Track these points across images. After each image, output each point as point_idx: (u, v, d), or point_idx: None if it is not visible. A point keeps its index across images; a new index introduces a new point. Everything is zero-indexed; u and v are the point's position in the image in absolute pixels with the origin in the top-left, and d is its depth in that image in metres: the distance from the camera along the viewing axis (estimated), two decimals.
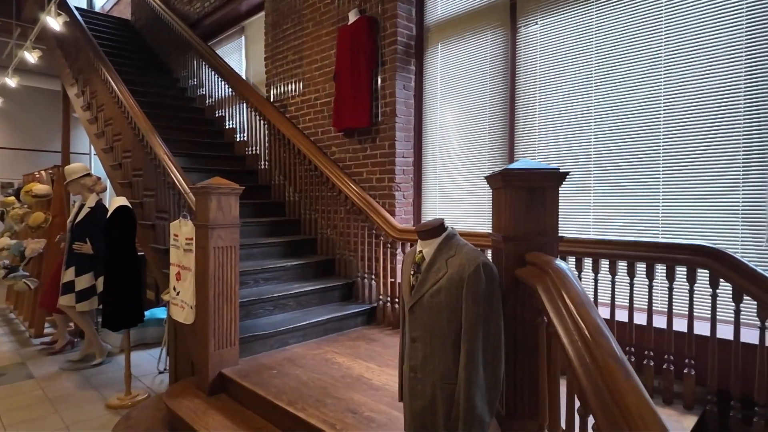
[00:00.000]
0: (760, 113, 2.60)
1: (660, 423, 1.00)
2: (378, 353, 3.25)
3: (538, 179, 1.80)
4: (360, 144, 4.39)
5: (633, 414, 1.03)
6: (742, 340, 2.32)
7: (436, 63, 4.14)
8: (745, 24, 2.63)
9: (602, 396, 1.14)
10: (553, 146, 3.42)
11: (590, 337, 1.25)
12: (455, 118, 4.01)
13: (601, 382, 1.16)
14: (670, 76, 2.90)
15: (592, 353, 1.22)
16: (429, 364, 1.74)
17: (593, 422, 1.24)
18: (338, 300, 4.12)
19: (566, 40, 3.34)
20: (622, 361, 1.16)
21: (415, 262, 1.81)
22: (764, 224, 2.61)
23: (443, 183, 4.11)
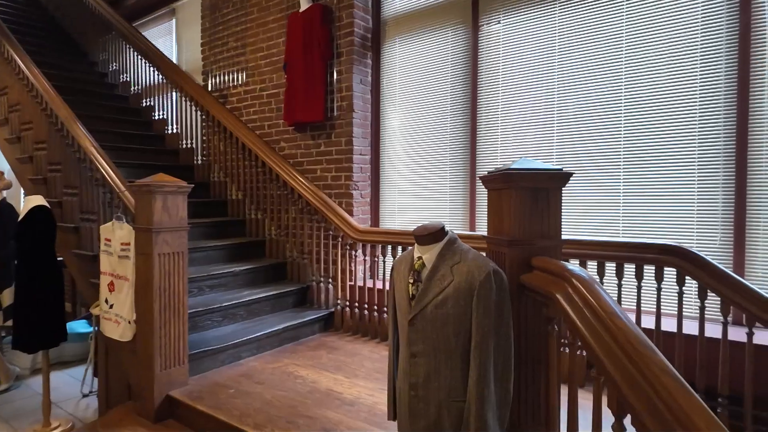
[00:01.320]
0: (713, 117, 2.73)
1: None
2: (344, 363, 3.05)
3: (543, 180, 1.71)
4: (313, 140, 4.14)
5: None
6: (706, 335, 2.42)
7: (394, 58, 4.00)
8: (701, 31, 2.76)
9: (661, 415, 1.05)
10: (516, 147, 3.41)
11: (635, 349, 1.17)
12: (415, 116, 3.90)
13: (657, 399, 1.07)
14: (630, 80, 2.98)
15: (640, 368, 1.14)
16: (433, 382, 1.59)
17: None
18: (292, 306, 3.85)
19: (529, 40, 3.34)
20: (678, 377, 1.08)
21: (414, 270, 1.65)
22: (717, 224, 2.75)
23: (403, 182, 3.99)
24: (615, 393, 1.24)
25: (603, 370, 1.24)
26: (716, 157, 2.74)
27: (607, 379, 1.23)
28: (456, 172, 3.69)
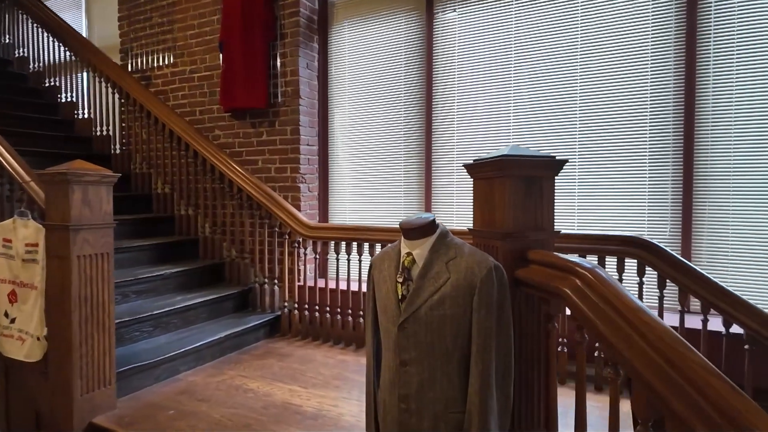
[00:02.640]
0: (663, 113, 2.82)
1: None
2: (297, 371, 2.78)
3: (538, 168, 1.59)
4: (254, 128, 3.79)
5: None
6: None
7: (343, 43, 3.77)
8: (651, 30, 2.83)
9: (711, 419, 0.96)
10: (473, 139, 3.34)
11: (672, 349, 1.07)
12: (367, 105, 3.69)
13: (705, 402, 0.98)
14: (585, 76, 3.00)
15: (680, 369, 1.04)
16: (428, 392, 1.41)
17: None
18: (233, 311, 3.49)
19: (485, 31, 3.27)
20: (724, 377, 0.99)
21: (405, 267, 1.45)
22: (667, 215, 2.85)
23: (354, 175, 3.77)
24: (644, 395, 1.14)
25: (633, 372, 1.13)
26: (666, 152, 2.83)
27: (638, 382, 1.13)
28: (411, 164, 3.54)
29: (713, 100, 2.71)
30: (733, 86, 2.66)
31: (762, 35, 2.59)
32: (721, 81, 2.68)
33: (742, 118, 2.65)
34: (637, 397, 1.17)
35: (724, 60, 2.67)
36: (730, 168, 2.68)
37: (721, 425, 0.96)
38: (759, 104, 2.61)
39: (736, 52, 2.65)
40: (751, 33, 2.61)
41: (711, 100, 2.71)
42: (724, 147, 2.69)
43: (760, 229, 2.63)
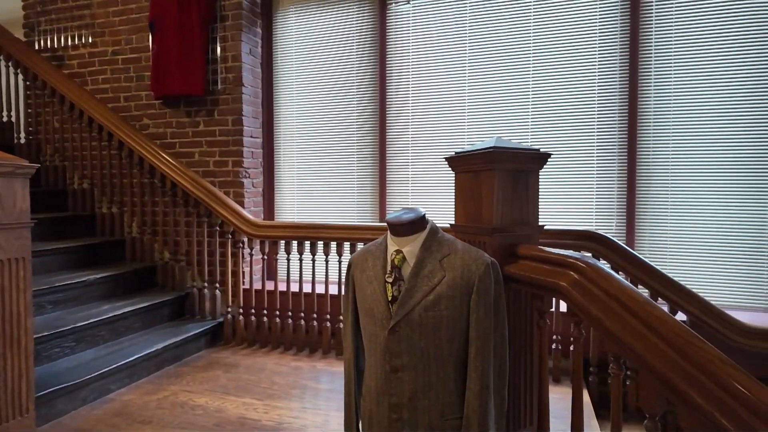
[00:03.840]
0: (609, 115, 2.94)
1: None
2: (249, 382, 2.56)
3: (525, 161, 1.55)
4: (189, 117, 3.45)
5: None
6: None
7: (290, 30, 3.55)
8: (598, 36, 2.94)
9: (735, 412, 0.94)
10: (428, 129, 3.28)
11: (686, 342, 1.05)
12: (316, 97, 3.51)
13: (727, 396, 0.96)
14: (537, 71, 3.05)
15: (694, 360, 1.02)
16: (423, 399, 1.31)
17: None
18: (168, 319, 3.16)
19: (439, 22, 3.23)
20: (743, 370, 0.99)
21: (395, 266, 1.33)
22: (613, 210, 2.97)
23: (302, 170, 3.56)
24: (653, 390, 1.12)
25: (645, 366, 1.10)
26: (612, 152, 2.95)
27: (650, 375, 1.10)
28: (364, 159, 3.41)
29: (654, 104, 2.86)
30: (671, 92, 2.83)
31: (698, 44, 2.78)
32: (661, 88, 2.85)
33: (679, 121, 2.83)
34: (647, 392, 1.15)
35: (664, 69, 2.84)
36: (668, 166, 2.86)
37: (742, 415, 0.95)
38: (694, 108, 2.80)
39: (674, 62, 2.82)
40: (687, 42, 2.79)
41: (652, 104, 2.87)
42: (664, 147, 2.86)
43: (695, 222, 2.82)
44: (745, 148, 2.72)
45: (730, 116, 2.74)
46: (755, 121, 2.70)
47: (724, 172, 2.76)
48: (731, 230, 2.76)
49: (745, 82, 2.71)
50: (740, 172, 2.74)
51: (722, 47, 2.74)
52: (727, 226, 2.77)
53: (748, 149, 2.72)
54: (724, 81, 2.74)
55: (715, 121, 2.77)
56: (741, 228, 2.75)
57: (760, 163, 2.70)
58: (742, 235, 2.75)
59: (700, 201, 2.81)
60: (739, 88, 2.72)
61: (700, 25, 2.77)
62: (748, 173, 2.73)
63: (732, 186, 2.75)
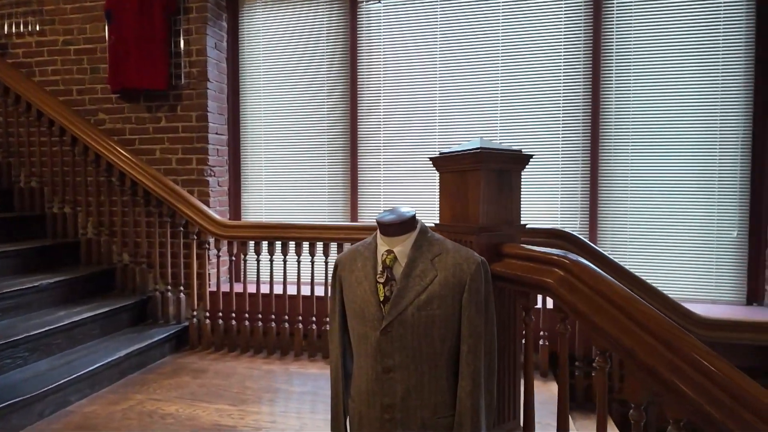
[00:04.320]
0: (574, 115, 3.05)
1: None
2: (220, 387, 2.47)
3: (509, 161, 1.58)
4: (150, 112, 3.29)
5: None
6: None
7: (257, 24, 3.45)
8: (563, 42, 3.05)
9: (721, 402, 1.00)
10: (399, 128, 3.29)
11: (673, 335, 1.10)
12: (285, 94, 3.43)
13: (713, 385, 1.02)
14: (505, 75, 3.12)
15: (680, 352, 1.08)
16: (414, 399, 1.31)
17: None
18: (129, 325, 3.01)
19: (410, 20, 3.24)
20: (722, 358, 1.05)
21: (386, 266, 1.33)
22: (577, 209, 3.09)
23: (270, 169, 3.48)
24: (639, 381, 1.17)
25: (633, 359, 1.15)
26: (576, 152, 3.07)
27: (638, 368, 1.15)
28: (335, 158, 3.38)
29: (615, 107, 3.00)
30: (630, 96, 2.98)
31: (655, 51, 2.93)
32: (622, 92, 2.99)
33: (638, 124, 2.98)
34: (633, 383, 1.20)
35: (624, 75, 2.98)
36: (628, 167, 3.00)
37: (726, 402, 1.01)
38: (652, 112, 2.95)
39: (633, 68, 2.96)
40: (645, 49, 2.94)
41: (613, 107, 3.00)
42: (624, 149, 3.00)
43: (652, 220, 2.98)
44: (696, 152, 2.90)
45: (684, 121, 2.91)
46: (705, 126, 2.88)
47: (678, 173, 2.93)
48: (684, 228, 2.94)
49: (697, 88, 2.89)
50: (692, 173, 2.92)
51: (677, 56, 2.90)
52: (681, 223, 2.94)
53: (699, 152, 2.90)
54: (678, 86, 2.91)
55: (670, 125, 2.93)
56: (692, 225, 2.93)
57: (709, 165, 2.89)
58: (693, 232, 2.93)
59: (656, 200, 2.97)
60: (693, 93, 2.89)
61: (658, 34, 2.92)
62: (699, 174, 2.91)
63: (685, 186, 2.93)
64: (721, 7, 2.83)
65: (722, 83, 2.85)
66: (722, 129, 2.86)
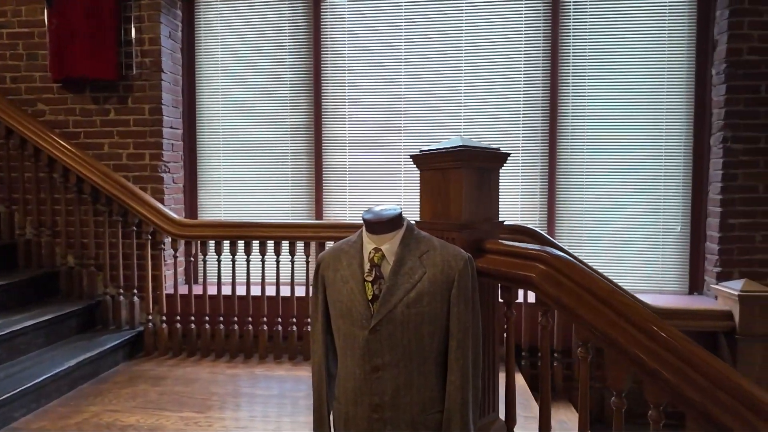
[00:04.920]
0: (533, 110, 3.16)
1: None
2: (183, 395, 2.36)
3: (490, 159, 1.61)
4: (97, 104, 3.07)
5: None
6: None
7: (214, 15, 3.30)
8: (524, 48, 3.15)
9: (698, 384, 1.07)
10: (365, 124, 3.26)
11: (653, 324, 1.17)
12: (244, 86, 3.31)
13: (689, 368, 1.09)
14: (470, 63, 3.18)
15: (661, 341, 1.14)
16: (405, 397, 1.32)
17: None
18: (77, 332, 2.80)
19: (375, 15, 3.22)
20: (698, 345, 1.13)
21: (375, 264, 1.32)
22: (536, 206, 3.21)
23: (228, 165, 3.35)
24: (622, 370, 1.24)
25: (617, 349, 1.21)
26: (535, 150, 3.18)
27: (621, 357, 1.21)
28: (298, 155, 3.30)
29: (572, 110, 3.13)
30: (586, 97, 3.12)
31: (607, 59, 3.09)
32: (578, 94, 3.12)
33: (593, 125, 3.13)
34: (615, 371, 1.26)
35: (581, 78, 3.12)
36: (583, 165, 3.15)
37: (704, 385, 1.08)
38: (606, 113, 3.11)
39: (589, 71, 3.11)
40: (599, 53, 3.09)
41: (570, 109, 3.13)
42: (580, 148, 3.14)
43: (606, 216, 3.15)
44: (644, 153, 3.09)
45: (633, 125, 3.09)
46: (652, 130, 3.08)
47: (628, 173, 3.11)
48: (633, 223, 3.12)
49: (644, 94, 3.07)
50: (640, 173, 3.10)
51: (627, 64, 3.07)
52: (630, 219, 3.12)
53: (647, 154, 3.09)
54: (628, 93, 3.08)
55: (621, 128, 3.10)
56: (641, 221, 3.12)
57: (656, 166, 3.09)
58: (641, 227, 3.12)
59: (608, 198, 3.14)
60: (641, 99, 3.08)
61: (610, 43, 3.08)
62: (647, 174, 3.10)
63: (634, 185, 3.11)
64: (666, 20, 3.03)
65: (667, 91, 3.05)
66: (667, 133, 3.07)
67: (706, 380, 1.09)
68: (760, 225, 2.83)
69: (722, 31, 2.86)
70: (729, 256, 2.86)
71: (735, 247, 2.85)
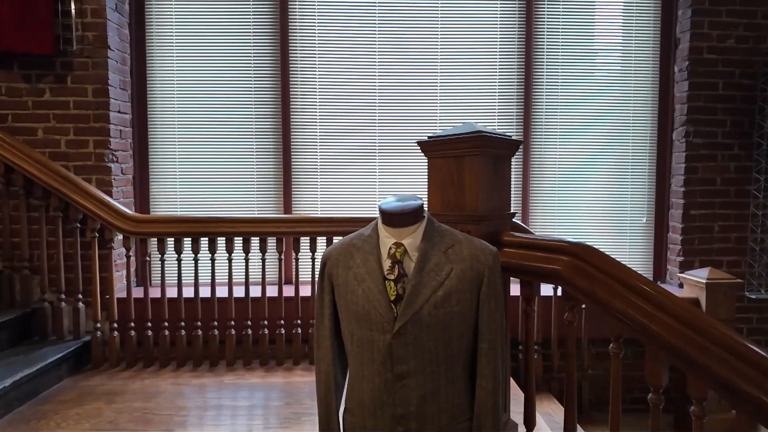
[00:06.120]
0: (509, 107, 3.14)
1: None
2: (145, 410, 2.09)
3: (506, 146, 1.52)
4: (29, 82, 2.67)
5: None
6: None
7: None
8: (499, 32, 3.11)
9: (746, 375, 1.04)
10: (337, 113, 3.09)
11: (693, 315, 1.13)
12: (201, 67, 3.01)
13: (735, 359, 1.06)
14: (445, 52, 3.10)
15: (708, 334, 1.11)
16: (432, 406, 1.20)
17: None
18: (10, 345, 2.42)
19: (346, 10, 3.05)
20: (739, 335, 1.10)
21: (396, 260, 1.19)
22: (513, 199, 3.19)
23: (184, 155, 3.04)
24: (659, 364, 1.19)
25: (658, 342, 1.16)
26: None
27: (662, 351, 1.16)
28: (264, 145, 3.06)
29: (546, 106, 3.14)
30: (558, 98, 3.14)
31: (578, 56, 3.12)
32: (551, 93, 3.14)
33: (565, 121, 3.16)
34: (655, 367, 1.21)
35: (554, 70, 3.13)
36: (556, 159, 3.17)
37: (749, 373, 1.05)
38: (577, 111, 3.15)
39: (561, 71, 3.13)
40: (571, 53, 3.12)
41: (544, 105, 3.14)
42: (552, 142, 3.16)
43: (576, 206, 3.19)
44: (612, 148, 3.17)
45: (603, 121, 3.15)
46: (619, 126, 3.15)
47: (597, 166, 3.18)
48: (602, 214, 3.19)
49: (615, 86, 3.14)
50: (609, 166, 3.18)
51: (597, 63, 3.13)
52: (599, 210, 3.19)
53: (614, 149, 3.17)
54: (599, 85, 3.14)
55: (591, 125, 3.15)
56: (609, 212, 3.19)
57: (623, 160, 3.17)
58: (609, 218, 3.20)
59: (579, 189, 3.18)
60: (612, 90, 3.15)
61: (580, 41, 3.12)
62: (614, 168, 3.18)
63: (603, 178, 3.18)
64: (632, 18, 3.11)
65: (634, 86, 3.14)
66: (634, 129, 3.16)
67: (751, 368, 1.06)
68: (718, 216, 2.98)
69: (684, 30, 2.98)
70: (690, 246, 2.99)
71: (695, 237, 2.99)
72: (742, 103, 2.94)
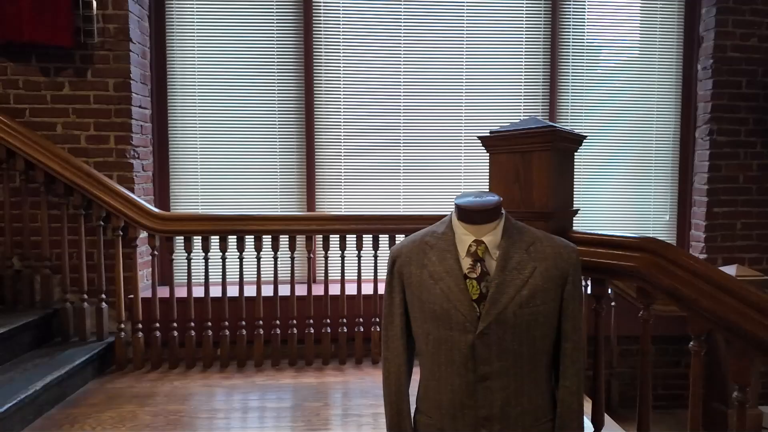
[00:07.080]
0: (534, 106, 3.13)
1: None
2: (181, 414, 2.03)
3: (573, 142, 1.49)
4: (47, 76, 2.57)
5: None
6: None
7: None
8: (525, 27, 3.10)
9: None
10: (361, 110, 3.04)
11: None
12: (224, 63, 2.93)
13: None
14: (471, 52, 3.07)
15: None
16: (515, 407, 1.17)
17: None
18: (32, 348, 2.34)
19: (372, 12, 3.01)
20: None
21: (478, 258, 1.15)
22: None
23: (205, 151, 2.96)
24: (750, 363, 1.18)
25: (752, 342, 1.15)
26: None
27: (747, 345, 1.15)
28: (288, 142, 2.99)
29: (571, 102, 3.14)
30: (583, 94, 3.14)
31: (604, 57, 3.12)
32: (576, 88, 3.13)
33: (592, 120, 3.16)
34: (742, 365, 1.20)
35: (578, 71, 3.13)
36: (580, 156, 3.17)
37: None
38: (601, 106, 3.15)
39: (586, 69, 3.12)
40: (596, 54, 3.12)
41: (569, 101, 3.14)
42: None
43: (603, 204, 3.20)
44: (638, 149, 3.17)
45: (628, 116, 3.16)
46: (645, 121, 3.16)
47: (623, 167, 3.18)
48: (627, 211, 3.20)
49: (639, 84, 3.15)
50: (633, 167, 3.18)
51: (621, 65, 3.13)
52: (624, 207, 3.20)
53: (640, 150, 3.17)
54: (624, 83, 3.14)
55: (617, 123, 3.16)
56: (633, 209, 3.20)
57: (647, 161, 3.18)
58: (634, 215, 3.20)
59: (605, 188, 3.18)
60: (636, 88, 3.15)
61: (605, 40, 3.11)
62: (639, 168, 3.18)
63: (628, 177, 3.18)
64: (657, 16, 3.12)
65: (658, 85, 3.15)
66: (657, 127, 3.17)
67: None
68: (740, 213, 3.01)
69: (708, 28, 3.00)
70: (713, 243, 3.01)
71: (719, 235, 3.01)
72: (765, 102, 2.97)
